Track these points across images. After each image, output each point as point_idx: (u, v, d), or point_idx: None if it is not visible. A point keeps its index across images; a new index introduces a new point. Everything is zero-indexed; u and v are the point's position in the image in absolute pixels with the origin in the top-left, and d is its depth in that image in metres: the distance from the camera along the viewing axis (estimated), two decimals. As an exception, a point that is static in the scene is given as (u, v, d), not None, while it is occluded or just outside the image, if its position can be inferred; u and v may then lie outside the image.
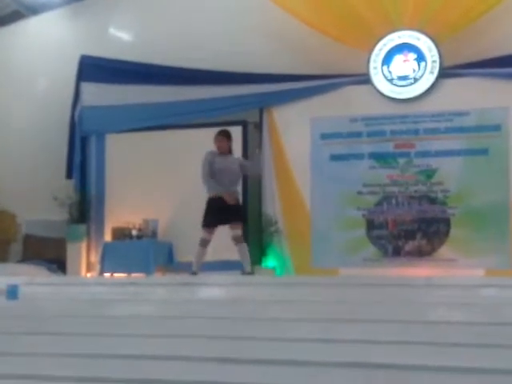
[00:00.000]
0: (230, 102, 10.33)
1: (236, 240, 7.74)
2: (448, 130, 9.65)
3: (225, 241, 8.01)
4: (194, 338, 5.06)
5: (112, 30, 11.41)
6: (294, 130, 10.21)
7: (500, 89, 9.35)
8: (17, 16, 11.69)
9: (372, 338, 4.70)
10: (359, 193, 9.86)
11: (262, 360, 4.55)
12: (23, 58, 11.76)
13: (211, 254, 7.84)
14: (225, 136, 7.96)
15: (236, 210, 7.80)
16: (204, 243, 7.69)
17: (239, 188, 8.42)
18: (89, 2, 11.41)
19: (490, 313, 4.99)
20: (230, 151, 8.01)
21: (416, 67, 9.74)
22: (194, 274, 7.61)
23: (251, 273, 7.82)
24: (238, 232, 7.75)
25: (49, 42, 11.60)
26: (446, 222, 9.53)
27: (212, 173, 7.73)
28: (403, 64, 9.82)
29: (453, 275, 8.51)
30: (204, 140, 10.10)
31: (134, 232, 10.18)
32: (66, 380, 4.61)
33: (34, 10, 11.62)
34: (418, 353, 4.47)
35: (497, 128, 9.43)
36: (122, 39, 11.34)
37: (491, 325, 4.78)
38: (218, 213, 7.66)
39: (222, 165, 7.80)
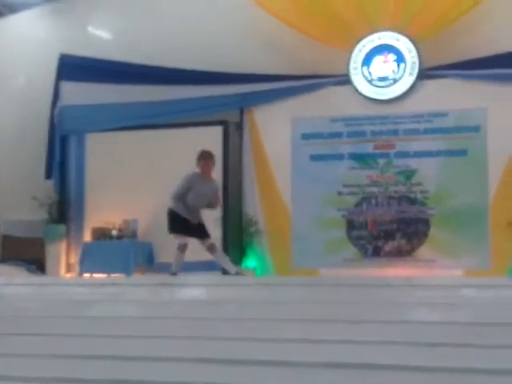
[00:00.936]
0: (210, 102, 10.31)
1: (210, 250, 7.75)
2: (427, 131, 9.70)
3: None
4: (175, 338, 5.05)
5: (91, 29, 11.33)
6: (275, 130, 10.21)
7: (479, 90, 9.41)
8: (-6, 14, 11.59)
9: (352, 339, 4.71)
10: (339, 193, 9.88)
11: (243, 360, 4.55)
12: (1, 56, 11.64)
13: (191, 255, 7.81)
14: (211, 159, 7.86)
15: (200, 228, 7.80)
16: (182, 248, 7.68)
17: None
18: (68, 1, 11.31)
19: (470, 313, 5.02)
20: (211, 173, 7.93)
21: (396, 68, 9.78)
22: (174, 274, 7.59)
23: (239, 273, 7.81)
24: (209, 242, 7.77)
25: (27, 41, 11.47)
26: (426, 223, 9.58)
27: (186, 195, 7.68)
28: (383, 65, 9.85)
29: (432, 275, 8.55)
30: (184, 140, 10.18)
31: (114, 232, 10.14)
32: (45, 381, 4.59)
33: (12, 9, 11.49)
34: (398, 353, 4.50)
35: (475, 129, 9.50)
36: (101, 38, 11.26)
37: (470, 325, 4.81)
38: (183, 227, 7.68)
39: (201, 191, 7.70)
